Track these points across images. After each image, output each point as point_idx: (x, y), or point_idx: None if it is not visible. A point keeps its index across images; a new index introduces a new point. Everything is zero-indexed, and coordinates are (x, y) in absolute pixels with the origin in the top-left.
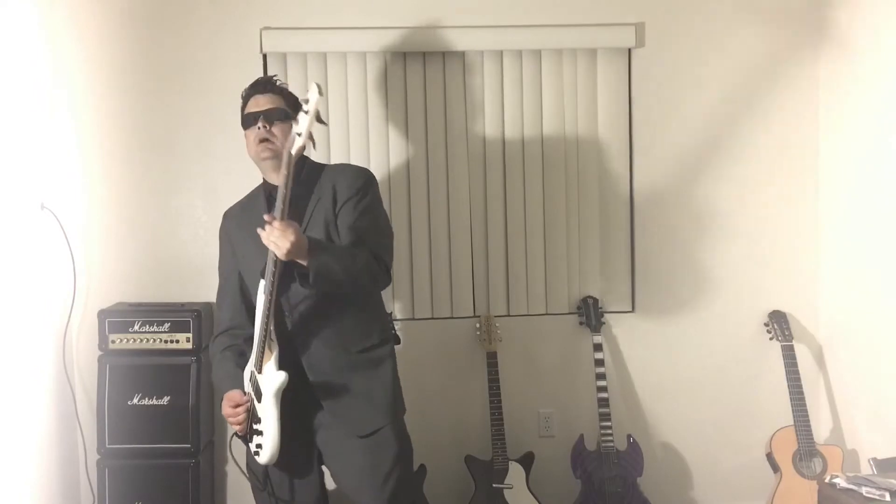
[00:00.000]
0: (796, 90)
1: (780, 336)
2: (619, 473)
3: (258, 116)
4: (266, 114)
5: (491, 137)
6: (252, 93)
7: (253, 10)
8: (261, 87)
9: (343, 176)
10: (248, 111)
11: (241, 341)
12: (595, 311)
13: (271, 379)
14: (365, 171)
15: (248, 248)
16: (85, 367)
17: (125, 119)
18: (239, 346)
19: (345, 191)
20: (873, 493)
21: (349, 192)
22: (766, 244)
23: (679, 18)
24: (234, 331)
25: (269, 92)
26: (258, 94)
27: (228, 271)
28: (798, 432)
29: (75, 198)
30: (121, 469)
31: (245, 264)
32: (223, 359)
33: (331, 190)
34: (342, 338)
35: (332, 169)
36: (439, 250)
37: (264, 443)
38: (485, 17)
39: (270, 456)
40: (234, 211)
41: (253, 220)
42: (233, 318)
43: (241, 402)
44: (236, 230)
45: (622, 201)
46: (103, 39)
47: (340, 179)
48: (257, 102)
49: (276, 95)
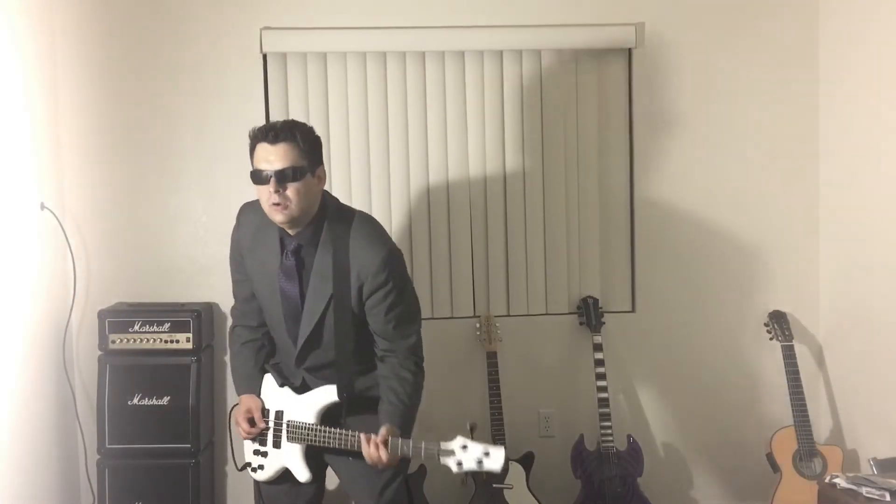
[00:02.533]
0: (796, 90)
1: (780, 336)
2: (619, 473)
3: (269, 176)
4: (278, 175)
5: (491, 137)
6: (260, 140)
7: (253, 10)
8: (271, 136)
9: (366, 260)
10: (256, 166)
11: (260, 335)
12: (595, 311)
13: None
14: (387, 256)
15: (256, 268)
16: (85, 367)
17: (125, 119)
18: (259, 341)
19: (370, 281)
20: (873, 493)
21: (374, 283)
22: (766, 244)
23: (679, 18)
24: (255, 325)
25: (280, 142)
26: (268, 143)
27: (240, 276)
28: (798, 432)
29: (75, 198)
30: (121, 469)
31: (254, 281)
32: (243, 355)
33: (355, 271)
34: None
35: (356, 243)
36: (439, 250)
37: (266, 466)
38: (485, 17)
39: (267, 479)
40: (248, 218)
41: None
42: (254, 316)
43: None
44: (247, 242)
45: (622, 201)
46: (103, 39)
47: (365, 264)
48: (267, 157)
49: (288, 145)
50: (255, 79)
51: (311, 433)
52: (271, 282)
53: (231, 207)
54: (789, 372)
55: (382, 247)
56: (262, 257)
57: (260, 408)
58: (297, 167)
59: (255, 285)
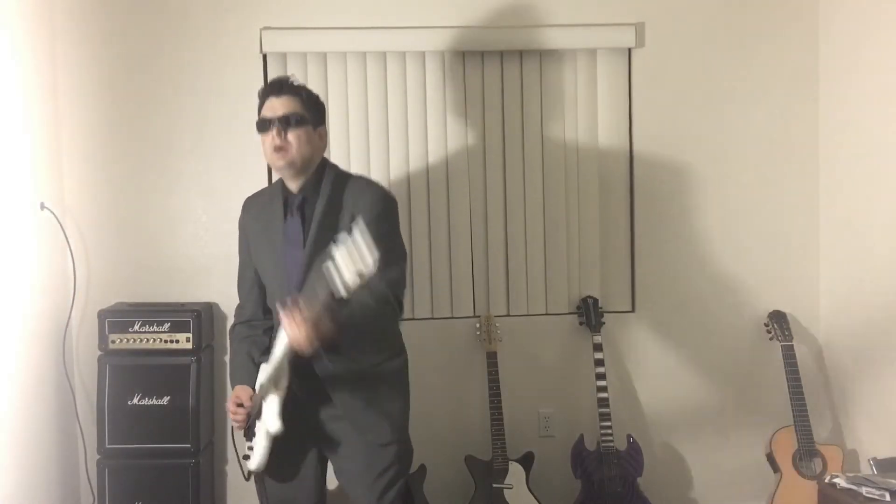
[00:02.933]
0: (796, 90)
1: (780, 336)
2: (619, 473)
3: (273, 122)
4: (281, 120)
5: (491, 137)
6: (268, 94)
7: (253, 10)
8: (276, 88)
9: (363, 198)
10: (262, 115)
11: (260, 332)
12: (595, 311)
13: (267, 419)
14: (385, 194)
15: (261, 245)
16: (85, 367)
17: (125, 119)
18: (257, 337)
19: (364, 213)
20: (873, 493)
21: (367, 218)
22: (766, 244)
23: (679, 18)
24: (254, 322)
25: (285, 94)
26: (273, 95)
27: (246, 263)
28: (798, 432)
29: (75, 198)
30: (121, 469)
31: (259, 260)
32: (239, 350)
33: (349, 209)
34: (358, 352)
35: (355, 184)
36: (439, 250)
37: (254, 452)
38: (485, 17)
39: (256, 466)
40: (253, 202)
41: (269, 217)
42: (254, 312)
43: (245, 404)
44: (252, 222)
45: (622, 201)
46: (103, 39)
47: (360, 201)
48: (272, 106)
49: (292, 97)
50: (255, 79)
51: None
52: (274, 254)
53: (231, 207)
54: (789, 372)
55: (380, 189)
56: (266, 224)
57: (249, 395)
58: (300, 115)
59: (259, 261)
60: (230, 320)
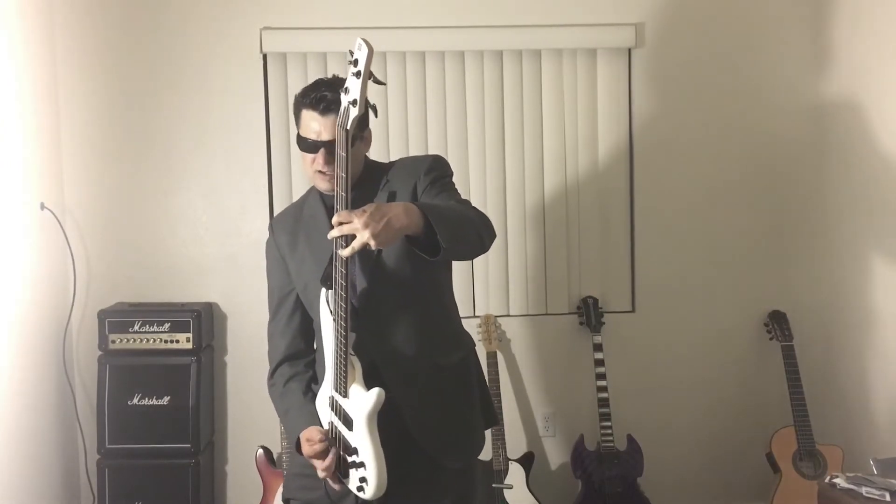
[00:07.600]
0: (796, 90)
1: (780, 336)
2: (619, 473)
3: (318, 147)
4: (328, 146)
5: (491, 137)
6: (309, 107)
7: (253, 10)
8: (323, 106)
9: (416, 165)
10: (304, 134)
11: (302, 368)
12: (595, 311)
13: (362, 401)
14: (429, 154)
15: (303, 257)
16: (85, 367)
17: (125, 119)
18: (303, 374)
19: (423, 178)
20: (873, 493)
21: (431, 176)
22: (766, 244)
23: (679, 18)
24: (293, 360)
25: (331, 113)
26: (317, 112)
27: (282, 292)
28: (798, 432)
29: (75, 198)
30: (121, 469)
31: (302, 277)
32: (289, 392)
33: (411, 182)
34: (429, 348)
35: (399, 163)
36: None
37: (369, 475)
38: (485, 17)
39: (378, 487)
40: (281, 220)
41: (310, 227)
42: (290, 346)
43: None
44: (287, 238)
45: (622, 201)
46: (103, 39)
47: (415, 167)
48: (315, 127)
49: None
50: (255, 79)
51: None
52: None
53: (231, 207)
54: (789, 372)
55: (427, 155)
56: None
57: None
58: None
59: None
60: (230, 320)
